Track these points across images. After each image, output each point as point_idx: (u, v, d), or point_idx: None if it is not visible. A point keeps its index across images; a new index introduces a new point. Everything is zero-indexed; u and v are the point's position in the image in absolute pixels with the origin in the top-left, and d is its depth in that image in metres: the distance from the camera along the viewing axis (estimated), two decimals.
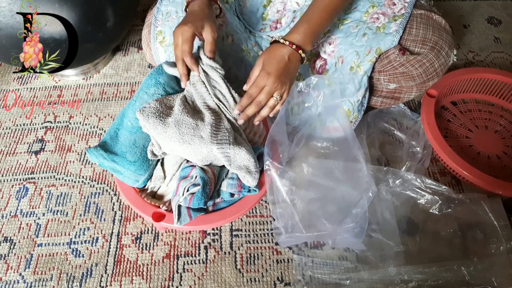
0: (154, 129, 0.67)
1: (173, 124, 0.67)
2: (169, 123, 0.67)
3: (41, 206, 0.82)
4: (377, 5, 0.81)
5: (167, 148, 0.69)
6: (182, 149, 0.67)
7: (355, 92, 0.79)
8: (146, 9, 1.26)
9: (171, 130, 0.66)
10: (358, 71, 0.78)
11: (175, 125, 0.67)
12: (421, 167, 0.82)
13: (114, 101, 1.01)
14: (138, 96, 0.77)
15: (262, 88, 0.68)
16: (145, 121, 0.67)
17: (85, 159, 0.89)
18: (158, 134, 0.67)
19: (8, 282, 0.72)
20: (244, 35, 0.87)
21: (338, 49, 0.82)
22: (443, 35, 0.76)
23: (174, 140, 0.66)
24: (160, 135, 0.67)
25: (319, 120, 0.82)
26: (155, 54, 0.84)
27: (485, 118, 0.96)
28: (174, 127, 0.66)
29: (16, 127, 0.96)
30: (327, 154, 0.82)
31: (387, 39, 0.76)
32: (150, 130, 0.68)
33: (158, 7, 0.84)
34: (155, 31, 0.83)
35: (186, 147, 0.66)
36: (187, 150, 0.67)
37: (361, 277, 0.69)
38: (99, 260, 0.75)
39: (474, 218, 0.75)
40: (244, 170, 0.68)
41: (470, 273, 0.68)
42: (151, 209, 0.70)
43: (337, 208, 0.70)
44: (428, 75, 0.76)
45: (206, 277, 0.73)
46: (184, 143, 0.66)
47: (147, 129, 0.69)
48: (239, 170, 0.68)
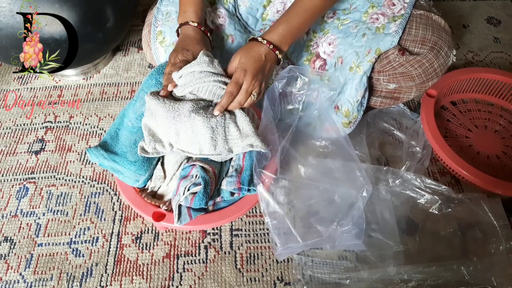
0: (163, 105, 0.67)
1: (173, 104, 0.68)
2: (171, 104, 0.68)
3: (41, 206, 0.82)
4: (377, 6, 0.81)
5: (161, 130, 0.69)
6: (175, 128, 0.67)
7: (354, 93, 0.80)
8: (146, 9, 1.26)
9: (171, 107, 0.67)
10: (358, 71, 0.78)
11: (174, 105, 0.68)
12: (420, 167, 0.82)
13: (114, 101, 1.01)
14: (138, 96, 0.78)
15: (240, 85, 0.69)
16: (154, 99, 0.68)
17: (85, 159, 0.89)
18: (159, 114, 0.67)
19: (8, 282, 0.72)
20: (244, 36, 0.87)
21: (337, 49, 0.82)
22: (443, 35, 0.76)
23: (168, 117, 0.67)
24: (162, 114, 0.67)
25: (318, 121, 0.83)
26: (155, 54, 0.84)
27: (484, 118, 0.96)
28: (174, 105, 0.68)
29: (16, 127, 0.96)
30: (325, 153, 0.82)
31: (386, 39, 0.76)
32: (156, 107, 0.68)
33: (158, 7, 0.84)
34: (155, 31, 0.83)
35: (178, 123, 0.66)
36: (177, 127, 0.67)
37: (361, 276, 0.70)
38: (99, 259, 0.75)
39: (474, 218, 0.75)
40: (246, 140, 0.68)
41: (469, 273, 0.68)
42: (151, 208, 0.70)
43: (334, 210, 0.70)
44: (428, 75, 0.76)
45: (206, 277, 0.73)
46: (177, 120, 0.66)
47: (152, 108, 0.68)
48: (240, 139, 0.67)
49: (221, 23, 0.83)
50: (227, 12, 0.85)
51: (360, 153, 0.84)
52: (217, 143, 0.67)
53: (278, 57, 0.72)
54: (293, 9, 0.73)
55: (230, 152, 0.69)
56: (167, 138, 0.69)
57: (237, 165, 0.71)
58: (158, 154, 0.70)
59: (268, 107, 0.74)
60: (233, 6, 0.88)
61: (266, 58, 0.71)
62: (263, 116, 0.74)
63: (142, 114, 0.75)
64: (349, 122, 0.84)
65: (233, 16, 0.87)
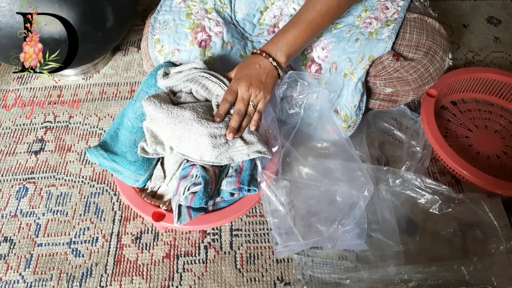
0: (161, 110, 0.67)
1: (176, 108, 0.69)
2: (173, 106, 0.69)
3: (41, 206, 0.82)
4: (370, 9, 0.80)
5: (162, 134, 0.69)
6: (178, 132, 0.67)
7: (351, 99, 0.79)
8: (146, 9, 1.26)
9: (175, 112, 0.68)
10: (352, 78, 0.77)
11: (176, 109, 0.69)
12: (421, 166, 0.82)
13: (114, 101, 1.01)
14: (138, 96, 0.78)
15: (235, 93, 0.70)
16: (153, 100, 0.69)
17: (85, 159, 0.89)
18: (160, 114, 0.68)
19: (8, 282, 0.72)
20: (242, 43, 0.87)
21: (331, 54, 0.81)
22: (437, 39, 0.75)
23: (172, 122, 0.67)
24: (162, 115, 0.68)
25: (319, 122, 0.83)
26: (155, 62, 0.84)
27: (484, 118, 0.96)
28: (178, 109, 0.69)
29: (16, 127, 0.96)
30: (326, 154, 0.82)
31: (379, 45, 0.75)
32: (155, 110, 0.68)
33: (155, 16, 0.85)
34: (153, 40, 0.83)
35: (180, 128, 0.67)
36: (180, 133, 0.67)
37: (361, 276, 0.70)
38: (99, 260, 0.75)
39: (474, 218, 0.75)
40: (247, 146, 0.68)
41: (470, 273, 0.68)
42: (151, 208, 0.70)
43: (335, 210, 0.70)
44: (424, 80, 0.75)
45: (206, 277, 0.73)
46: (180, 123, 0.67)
47: (151, 108, 0.69)
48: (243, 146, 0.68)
49: (220, 30, 0.84)
50: (223, 21, 0.85)
51: (360, 153, 0.84)
52: (219, 153, 0.67)
53: (273, 64, 0.72)
54: (290, 20, 0.74)
55: (231, 161, 0.69)
56: (169, 142, 0.69)
57: (236, 165, 0.71)
58: (158, 155, 0.70)
59: (270, 109, 0.75)
60: (228, 15, 0.88)
61: (261, 66, 0.71)
62: (264, 119, 0.74)
63: (142, 114, 0.75)
64: (348, 126, 0.83)
65: (229, 24, 0.87)
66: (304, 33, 0.73)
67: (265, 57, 0.72)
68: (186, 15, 0.84)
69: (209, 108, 0.73)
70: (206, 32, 0.83)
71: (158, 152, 0.69)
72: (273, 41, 0.73)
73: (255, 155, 0.68)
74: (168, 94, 0.74)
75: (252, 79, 0.70)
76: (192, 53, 0.82)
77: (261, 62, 0.72)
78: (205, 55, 0.82)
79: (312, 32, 0.73)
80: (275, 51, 0.72)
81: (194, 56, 0.82)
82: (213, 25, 0.84)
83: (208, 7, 0.86)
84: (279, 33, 0.74)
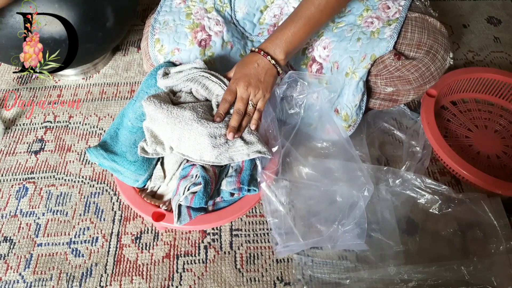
0: (161, 110, 0.67)
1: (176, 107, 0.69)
2: (173, 107, 0.69)
3: (41, 206, 0.82)
4: (372, 9, 0.80)
5: (162, 134, 0.69)
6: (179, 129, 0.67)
7: (352, 98, 0.79)
8: (146, 9, 1.26)
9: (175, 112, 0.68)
10: (354, 77, 0.77)
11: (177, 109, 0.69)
12: (420, 166, 0.82)
13: (114, 101, 1.01)
14: (138, 96, 0.78)
15: (234, 92, 0.70)
16: (153, 100, 0.69)
17: (85, 159, 0.89)
18: (160, 113, 0.68)
19: (8, 282, 0.72)
20: (242, 42, 0.87)
21: (332, 53, 0.81)
22: (439, 38, 0.75)
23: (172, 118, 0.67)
24: (163, 114, 0.68)
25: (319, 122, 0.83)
26: (155, 61, 0.84)
27: (484, 118, 0.96)
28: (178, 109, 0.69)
29: (15, 127, 0.96)
30: (326, 154, 0.82)
31: (381, 45, 0.75)
32: (155, 109, 0.68)
33: (155, 17, 0.85)
34: (152, 39, 0.83)
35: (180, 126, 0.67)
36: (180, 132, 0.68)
37: (361, 276, 0.69)
38: (99, 260, 0.75)
39: (474, 218, 0.75)
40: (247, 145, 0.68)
41: (470, 273, 0.68)
42: (151, 208, 0.70)
43: (335, 210, 0.70)
44: (425, 79, 0.76)
45: (206, 277, 0.73)
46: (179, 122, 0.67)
47: (151, 107, 0.69)
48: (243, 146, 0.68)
49: (220, 29, 0.83)
50: (223, 20, 0.85)
51: (360, 153, 0.84)
52: (219, 153, 0.67)
53: (271, 63, 0.71)
54: (288, 17, 0.74)
55: (231, 161, 0.69)
56: (169, 141, 0.69)
57: (236, 165, 0.71)
58: (158, 155, 0.71)
59: (270, 109, 0.75)
60: (229, 14, 0.88)
61: (259, 65, 0.71)
62: (264, 119, 0.74)
63: (142, 114, 0.75)
64: (348, 126, 0.83)
65: (229, 23, 0.87)
66: (303, 30, 0.72)
67: (263, 55, 0.71)
68: (186, 15, 0.84)
69: (209, 108, 0.73)
70: (206, 31, 0.83)
71: (158, 152, 0.69)
72: (272, 39, 0.73)
73: (255, 155, 0.68)
74: (168, 94, 0.74)
75: (250, 78, 0.70)
76: (192, 52, 0.82)
77: (259, 61, 0.71)
78: (205, 55, 0.82)
79: (311, 28, 0.73)
80: (273, 48, 0.72)
81: (194, 56, 0.82)
82: (213, 24, 0.84)
83: (207, 6, 0.86)
84: (278, 30, 0.73)
